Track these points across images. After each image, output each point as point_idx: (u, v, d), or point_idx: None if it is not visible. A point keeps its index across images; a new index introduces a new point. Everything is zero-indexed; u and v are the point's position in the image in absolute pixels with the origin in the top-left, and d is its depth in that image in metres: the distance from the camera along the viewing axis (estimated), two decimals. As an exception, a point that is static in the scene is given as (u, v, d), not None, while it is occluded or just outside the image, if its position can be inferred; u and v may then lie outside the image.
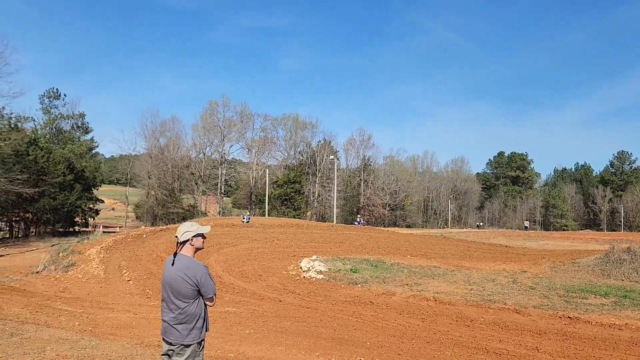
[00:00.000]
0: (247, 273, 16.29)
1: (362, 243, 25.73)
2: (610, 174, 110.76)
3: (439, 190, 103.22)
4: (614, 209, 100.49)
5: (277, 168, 78.69)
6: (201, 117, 72.73)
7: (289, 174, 70.71)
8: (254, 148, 75.78)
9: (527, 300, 11.64)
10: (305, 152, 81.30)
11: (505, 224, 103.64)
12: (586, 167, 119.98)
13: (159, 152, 67.40)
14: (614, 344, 8.22)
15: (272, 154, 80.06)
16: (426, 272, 15.88)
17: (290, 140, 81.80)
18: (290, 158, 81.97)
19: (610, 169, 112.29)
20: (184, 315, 4.07)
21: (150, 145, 67.95)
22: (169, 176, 66.42)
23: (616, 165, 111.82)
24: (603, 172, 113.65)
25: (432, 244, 27.99)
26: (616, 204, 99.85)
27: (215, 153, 73.06)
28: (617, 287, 12.79)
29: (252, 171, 73.87)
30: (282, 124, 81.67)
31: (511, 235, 41.15)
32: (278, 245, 23.32)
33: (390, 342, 8.54)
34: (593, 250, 22.81)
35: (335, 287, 14.02)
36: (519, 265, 17.87)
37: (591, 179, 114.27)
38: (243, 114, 74.10)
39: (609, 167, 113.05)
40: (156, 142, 68.76)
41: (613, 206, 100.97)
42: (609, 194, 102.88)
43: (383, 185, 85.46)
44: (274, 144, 79.81)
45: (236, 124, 73.08)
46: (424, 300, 12.10)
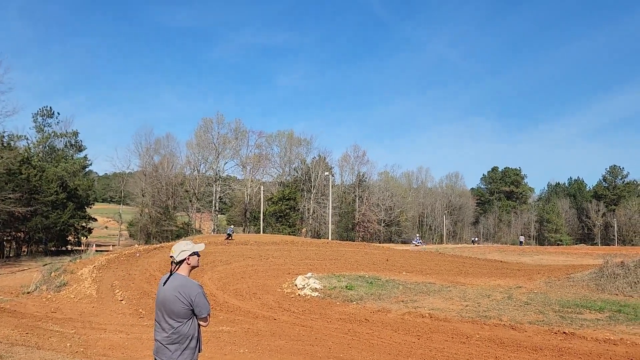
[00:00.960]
0: (242, 291, 16.17)
1: (357, 260, 25.65)
2: (604, 188, 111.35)
3: (434, 205, 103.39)
4: (607, 224, 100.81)
5: (272, 185, 78.63)
6: (196, 135, 72.87)
7: (283, 191, 70.66)
8: (248, 165, 75.86)
9: (523, 316, 11.60)
10: (300, 169, 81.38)
11: (500, 239, 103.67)
12: (579, 181, 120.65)
13: (153, 170, 67.29)
14: (610, 359, 8.19)
15: (267, 170, 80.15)
16: (421, 289, 15.82)
17: (285, 157, 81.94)
18: (285, 175, 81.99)
19: (603, 184, 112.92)
20: (177, 335, 4.02)
21: (145, 163, 67.90)
22: (163, 194, 66.22)
23: (609, 180, 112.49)
24: (596, 186, 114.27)
25: (428, 260, 27.93)
26: (609, 218, 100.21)
27: (210, 170, 73.08)
28: (611, 302, 12.78)
29: (247, 188, 73.78)
30: (277, 141, 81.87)
31: (506, 251, 41.15)
32: (273, 262, 23.20)
33: (385, 360, 8.47)
34: (587, 265, 22.82)
35: (331, 305, 13.94)
36: (514, 281, 17.84)
37: (585, 194, 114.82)
38: (238, 130, 74.30)
39: (602, 182, 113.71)
40: (150, 159, 68.73)
41: (606, 220, 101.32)
42: (603, 209, 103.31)
43: (378, 201, 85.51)
44: (269, 160, 79.93)
45: (231, 141, 73.22)
46: (419, 317, 12.04)
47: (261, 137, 78.72)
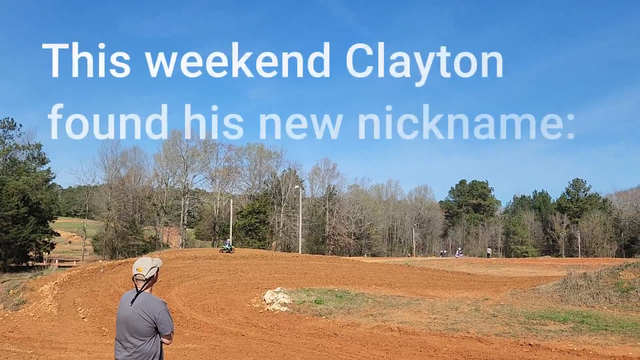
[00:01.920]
0: (209, 307, 15.90)
1: (326, 273, 25.58)
2: (567, 201, 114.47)
3: (404, 218, 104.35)
4: (571, 235, 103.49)
5: (242, 198, 78.07)
6: (164, 147, 71.87)
7: (253, 204, 70.23)
8: (218, 178, 75.21)
9: (490, 328, 11.73)
10: (270, 182, 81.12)
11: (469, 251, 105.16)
12: (544, 194, 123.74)
13: (120, 183, 66.04)
14: (573, 370, 8.33)
15: (237, 184, 79.62)
16: (390, 302, 15.86)
17: (255, 170, 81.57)
18: (255, 188, 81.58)
19: (567, 197, 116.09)
20: (138, 354, 3.91)
21: (110, 176, 66.59)
22: (129, 207, 64.98)
23: (572, 193, 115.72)
24: (560, 199, 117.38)
25: (397, 273, 28.07)
26: (573, 230, 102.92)
27: (178, 184, 72.08)
28: (574, 313, 13.06)
29: (216, 202, 73.07)
30: (246, 154, 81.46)
31: (474, 263, 41.73)
32: (242, 277, 22.92)
33: (354, 376, 8.41)
34: (552, 277, 23.31)
35: (299, 320, 13.82)
36: (482, 293, 18.07)
37: (549, 206, 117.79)
38: (207, 143, 73.61)
39: (565, 195, 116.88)
40: (116, 172, 67.48)
41: (570, 232, 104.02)
42: (566, 221, 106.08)
43: (348, 214, 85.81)
44: (239, 173, 79.44)
45: (200, 154, 72.49)
46: (388, 330, 12.04)
47: (231, 150, 78.26)
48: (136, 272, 4.04)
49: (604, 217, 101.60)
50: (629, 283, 15.57)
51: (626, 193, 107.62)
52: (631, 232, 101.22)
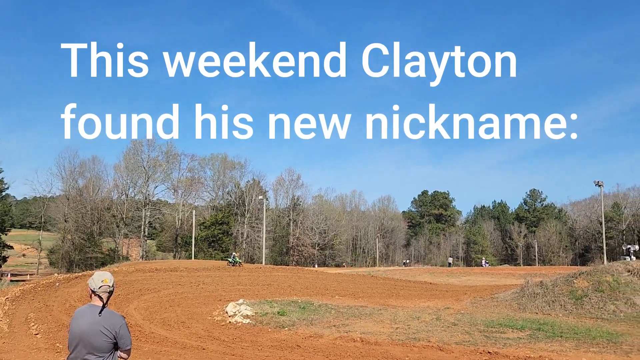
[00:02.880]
0: (170, 320, 15.54)
1: (290, 284, 25.46)
2: (524, 211, 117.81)
3: (367, 228, 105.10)
4: (528, 244, 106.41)
5: (205, 209, 77.08)
6: (124, 157, 70.39)
7: (216, 215, 69.41)
8: (180, 189, 74.13)
9: (450, 336, 11.89)
10: (234, 193, 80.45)
11: (431, 260, 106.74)
12: (503, 204, 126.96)
13: (77, 194, 64.22)
14: (530, 376, 8.52)
15: (200, 194, 78.67)
16: (353, 312, 15.88)
17: (218, 181, 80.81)
18: (218, 199, 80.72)
19: (524, 207, 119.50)
20: (96, 372, 3.79)
21: (68, 187, 64.68)
22: (87, 219, 63.16)
23: (529, 203, 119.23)
24: (518, 209, 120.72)
25: (360, 283, 28.20)
26: (530, 239, 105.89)
27: (139, 194, 70.66)
28: (532, 320, 13.39)
29: (178, 213, 71.86)
30: (210, 164, 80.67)
31: (435, 272, 42.36)
32: (204, 289, 22.55)
33: (316, 387, 8.36)
34: (510, 285, 23.86)
35: (262, 332, 13.67)
36: (443, 302, 18.33)
37: (508, 216, 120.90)
38: (169, 154, 72.56)
39: (523, 205, 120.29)
40: (74, 183, 65.62)
41: (528, 241, 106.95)
42: (524, 230, 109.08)
43: (312, 224, 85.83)
44: (202, 184, 78.53)
45: (162, 164, 71.33)
46: (351, 341, 12.04)
47: (194, 161, 77.37)
48: (102, 283, 3.90)
49: (560, 227, 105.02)
50: (582, 291, 16.09)
51: (580, 203, 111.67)
52: (585, 241, 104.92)
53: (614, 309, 15.00)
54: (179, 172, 74.98)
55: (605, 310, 15.02)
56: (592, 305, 15.39)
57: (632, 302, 15.24)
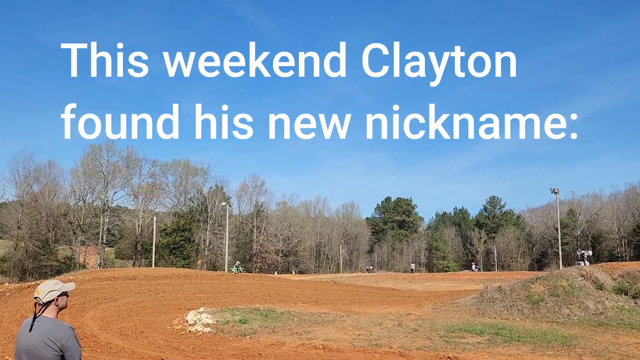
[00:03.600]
0: (127, 330, 15.11)
1: (252, 292, 25.21)
2: (484, 217, 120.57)
3: (331, 235, 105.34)
4: (488, 250, 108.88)
5: (166, 215, 75.66)
6: (82, 162, 68.43)
7: (178, 222, 68.22)
8: (140, 195, 72.54)
9: (411, 342, 11.98)
10: (196, 199, 79.30)
11: (394, 266, 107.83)
12: (464, 211, 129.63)
13: (32, 200, 62.00)
14: (488, 381, 8.66)
15: (161, 200, 77.21)
16: (316, 319, 15.83)
17: (180, 187, 79.49)
18: (180, 205, 79.37)
19: (484, 213, 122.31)
20: (41, 386, 3.62)
21: (22, 192, 62.38)
22: (42, 226, 61.02)
23: (489, 210, 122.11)
24: (478, 215, 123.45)
25: (323, 289, 28.17)
26: (490, 245, 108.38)
27: (98, 200, 68.74)
28: (490, 325, 13.64)
29: (139, 219, 70.28)
30: (171, 170, 79.29)
31: (398, 278, 42.75)
32: (163, 297, 22.06)
33: (277, 396, 8.26)
34: (470, 290, 24.31)
35: (223, 340, 13.45)
36: (405, 308, 18.49)
37: (468, 223, 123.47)
38: (129, 159, 70.95)
39: (483, 212, 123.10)
40: (29, 188, 63.35)
41: (488, 247, 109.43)
42: (484, 236, 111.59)
43: (276, 231, 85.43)
44: (163, 190, 77.10)
45: (121, 169, 69.69)
46: (313, 348, 11.98)
47: (155, 166, 75.89)
48: (35, 294, 3.76)
49: (518, 233, 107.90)
50: (539, 295, 16.52)
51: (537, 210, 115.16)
52: (542, 247, 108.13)
53: (569, 313, 15.46)
54: (140, 177, 73.51)
55: (560, 314, 15.47)
56: (548, 309, 15.83)
57: (585, 305, 15.74)
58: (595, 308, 15.62)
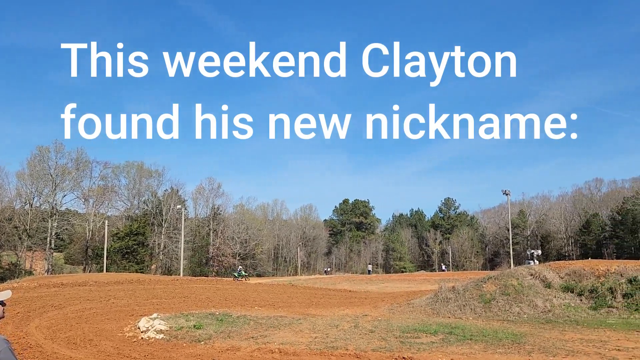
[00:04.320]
0: (75, 339, 14.53)
1: (208, 296, 24.78)
2: (440, 218, 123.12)
3: (289, 237, 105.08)
4: (443, 251, 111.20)
5: (119, 219, 73.52)
6: (28, 164, 65.59)
7: (131, 225, 66.38)
8: (91, 198, 70.19)
9: (367, 344, 12.02)
10: (151, 202, 77.42)
11: (351, 268, 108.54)
12: (420, 212, 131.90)
13: (-26, 204, 58.93)
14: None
15: (113, 203, 74.95)
16: (272, 323, 15.68)
17: (133, 190, 77.43)
18: (133, 208, 77.32)
19: (440, 214, 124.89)
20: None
21: (-37, 196, 59.21)
22: (-15, 231, 58.09)
23: (444, 211, 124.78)
24: (433, 217, 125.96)
25: (280, 292, 28.01)
26: (445, 245, 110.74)
27: (45, 204, 66.04)
28: (444, 325, 13.87)
29: (89, 223, 67.99)
30: (124, 172, 77.10)
31: (355, 280, 43.02)
32: (115, 304, 21.37)
33: (231, 403, 8.10)
34: (426, 291, 24.70)
35: (176, 347, 13.12)
36: (361, 309, 18.58)
37: (424, 224, 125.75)
38: (79, 161, 68.52)
39: (438, 213, 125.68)
40: (-29, 191, 60.16)
41: (443, 248, 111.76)
42: (439, 237, 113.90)
43: (233, 234, 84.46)
44: (115, 193, 74.87)
45: (71, 172, 67.21)
46: (269, 352, 11.85)
47: (107, 168, 73.62)
48: None
49: (472, 233, 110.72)
50: (490, 294, 16.94)
51: (490, 211, 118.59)
52: (494, 247, 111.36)
53: (519, 311, 15.92)
54: (91, 180, 71.13)
55: (510, 313, 15.91)
56: (499, 308, 16.25)
57: (534, 303, 16.25)
58: (544, 306, 16.14)
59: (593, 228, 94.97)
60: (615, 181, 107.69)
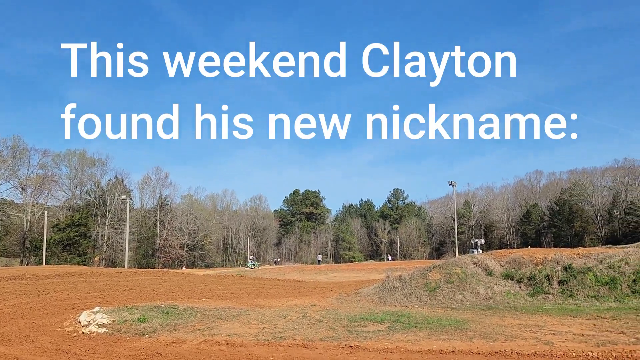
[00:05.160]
0: (10, 335, 13.84)
1: (154, 288, 24.20)
2: (388, 209, 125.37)
3: (239, 228, 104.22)
4: (392, 240, 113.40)
5: (59, 209, 70.64)
6: (-40, 152, 61.86)
7: (73, 216, 63.94)
8: (29, 187, 66.97)
9: (315, 333, 12.08)
10: (94, 192, 74.76)
11: (301, 258, 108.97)
12: (369, 203, 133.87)
13: None
14: (387, 367, 8.92)
15: (53, 193, 71.89)
16: (220, 314, 15.51)
17: (75, 179, 74.50)
18: (75, 198, 74.45)
19: (388, 205, 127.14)
20: None
21: None
22: None
23: (392, 201, 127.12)
24: (382, 207, 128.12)
25: (229, 283, 27.74)
26: (393, 235, 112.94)
27: (-21, 193, 62.54)
28: (391, 313, 14.13)
29: (27, 214, 64.95)
30: (65, 161, 74.01)
31: (304, 270, 43.21)
32: (54, 298, 20.51)
33: (175, 397, 7.95)
34: (374, 280, 25.09)
35: (119, 341, 12.74)
36: (310, 299, 18.66)
37: (373, 214, 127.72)
38: (16, 148, 65.23)
39: (387, 203, 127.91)
40: None
41: (391, 237, 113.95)
42: (388, 227, 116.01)
43: (181, 225, 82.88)
44: (56, 182, 71.80)
45: (6, 160, 63.87)
46: (215, 344, 11.70)
47: (46, 157, 70.47)
48: None
49: (419, 223, 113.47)
50: (435, 283, 17.39)
51: (437, 201, 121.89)
52: (440, 236, 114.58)
53: (462, 298, 16.42)
54: (29, 169, 67.94)
55: (454, 300, 16.39)
56: (444, 295, 16.71)
57: (476, 291, 16.81)
58: (485, 293, 16.73)
59: (533, 218, 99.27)
60: (554, 173, 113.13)
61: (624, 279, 16.18)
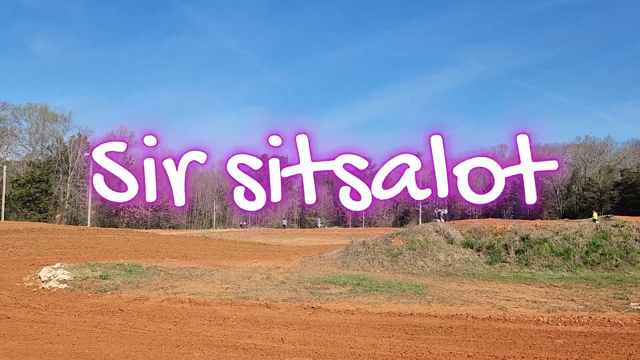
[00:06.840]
0: (-34, 289, 13.59)
1: (116, 247, 23.99)
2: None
3: (205, 190, 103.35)
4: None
5: (19, 165, 68.53)
6: None
7: (33, 172, 62.18)
8: (-13, 141, 64.58)
9: (278, 294, 12.29)
10: (55, 148, 72.59)
11: (267, 222, 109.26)
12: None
13: None
14: (347, 327, 9.21)
15: (13, 148, 69.49)
16: (184, 274, 15.55)
17: (36, 134, 72.10)
18: (36, 154, 72.21)
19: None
20: None
21: None
22: None
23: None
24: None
25: (193, 244, 27.72)
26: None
27: None
28: (353, 277, 14.46)
29: (-15, 168, 62.76)
30: (26, 115, 71.37)
31: (269, 234, 43.52)
32: (13, 253, 20.13)
33: (136, 350, 8.03)
34: (338, 245, 25.47)
35: (81, 297, 12.69)
36: (274, 262, 18.87)
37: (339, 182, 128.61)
38: (-28, 100, 62.46)
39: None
40: None
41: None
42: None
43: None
44: (15, 137, 69.37)
45: (-38, 111, 61.23)
46: (178, 302, 11.79)
47: (5, 109, 67.73)
48: None
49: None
50: (398, 249, 17.81)
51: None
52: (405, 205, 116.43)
53: (423, 265, 16.90)
54: (-14, 122, 65.33)
55: (415, 266, 16.86)
56: (405, 261, 17.15)
57: (437, 258, 17.32)
58: (446, 260, 17.26)
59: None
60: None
61: (577, 250, 16.93)
